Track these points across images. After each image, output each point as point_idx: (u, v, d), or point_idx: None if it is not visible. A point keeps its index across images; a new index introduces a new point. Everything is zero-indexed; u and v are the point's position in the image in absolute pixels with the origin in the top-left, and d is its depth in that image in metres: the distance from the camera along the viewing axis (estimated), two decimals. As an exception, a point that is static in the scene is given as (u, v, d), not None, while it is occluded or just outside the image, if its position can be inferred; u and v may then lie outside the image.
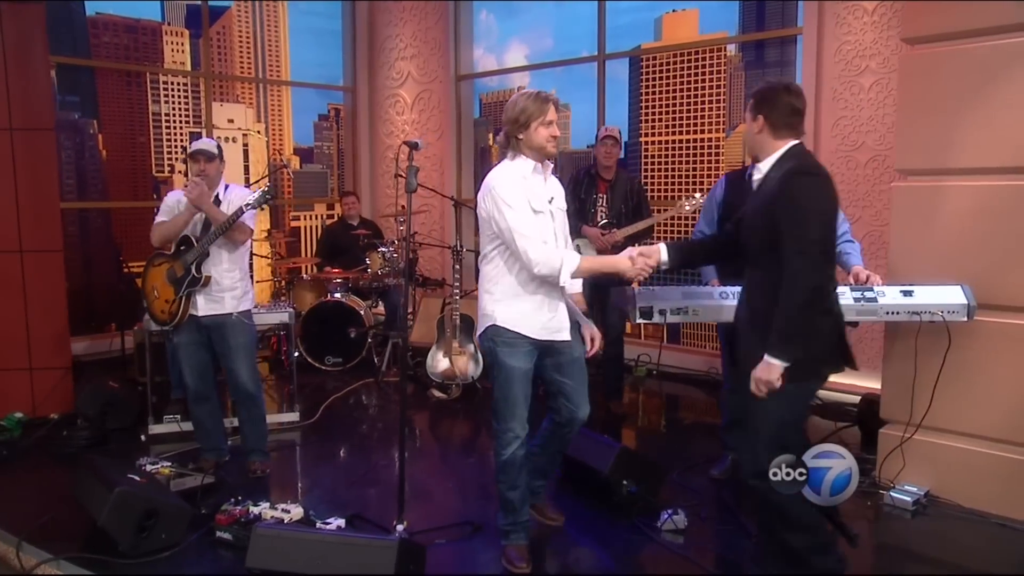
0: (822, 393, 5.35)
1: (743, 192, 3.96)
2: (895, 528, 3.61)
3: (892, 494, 3.75)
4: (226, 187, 4.15)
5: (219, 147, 4.17)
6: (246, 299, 4.18)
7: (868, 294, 3.30)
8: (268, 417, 5.00)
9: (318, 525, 3.41)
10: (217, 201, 4.05)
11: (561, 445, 3.34)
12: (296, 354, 6.37)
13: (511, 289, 2.99)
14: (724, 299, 3.26)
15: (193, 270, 3.97)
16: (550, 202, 3.00)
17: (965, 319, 3.34)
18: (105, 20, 6.81)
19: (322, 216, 8.42)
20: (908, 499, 3.69)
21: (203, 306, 4.04)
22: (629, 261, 2.88)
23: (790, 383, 2.55)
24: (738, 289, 3.28)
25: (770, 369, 2.52)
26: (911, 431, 3.76)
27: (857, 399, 4.95)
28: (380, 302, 6.84)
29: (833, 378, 5.17)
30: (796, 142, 2.64)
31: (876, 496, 3.80)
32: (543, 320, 2.99)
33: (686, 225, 6.27)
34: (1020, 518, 3.51)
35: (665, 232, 6.36)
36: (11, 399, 4.90)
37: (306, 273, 7.14)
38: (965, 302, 3.33)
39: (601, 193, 5.09)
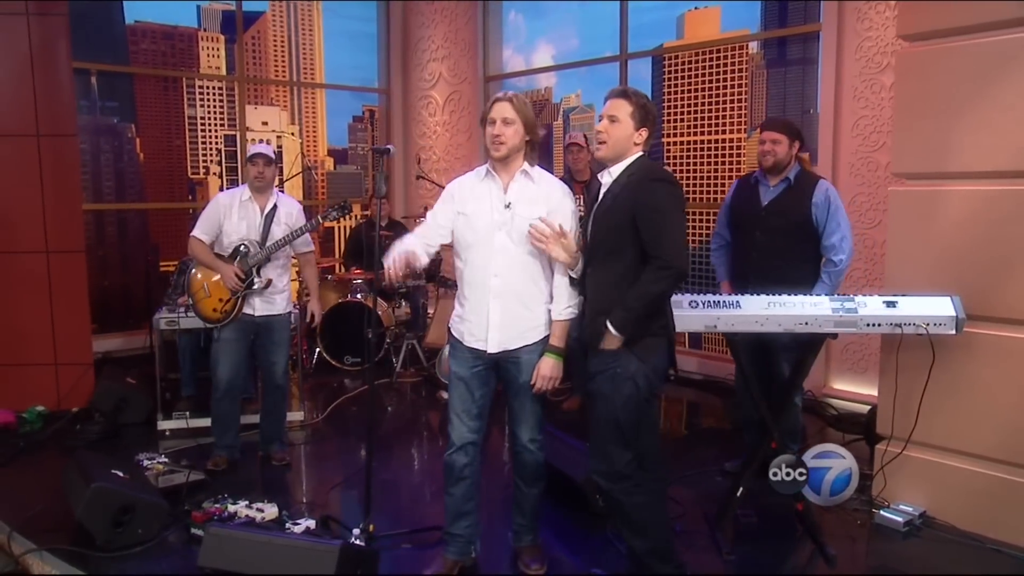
0: (836, 403, 5.22)
1: (747, 197, 3.96)
2: (882, 549, 3.44)
3: (883, 513, 3.59)
4: (277, 194, 4.37)
5: (275, 152, 4.41)
6: (289, 299, 4.45)
7: (848, 304, 3.15)
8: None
9: (287, 526, 3.49)
10: (273, 208, 4.29)
11: (521, 471, 3.11)
12: (317, 351, 6.54)
13: (458, 293, 3.06)
14: (693, 308, 3.16)
15: (255, 273, 4.20)
16: (507, 207, 2.90)
17: (953, 332, 3.17)
18: (144, 28, 7.07)
19: (356, 217, 8.55)
20: (900, 519, 3.52)
21: (260, 307, 4.27)
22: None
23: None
24: (712, 297, 3.23)
25: None
26: (897, 450, 3.62)
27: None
28: (404, 302, 6.91)
29: (848, 387, 5.17)
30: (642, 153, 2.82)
31: (868, 515, 3.65)
32: (468, 325, 2.97)
33: (701, 227, 6.16)
34: (1017, 543, 3.32)
35: (695, 236, 6.25)
36: (36, 393, 5.13)
37: (333, 273, 7.26)
38: (953, 314, 3.15)
39: (577, 195, 5.06)
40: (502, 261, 2.90)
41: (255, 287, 4.21)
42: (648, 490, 2.79)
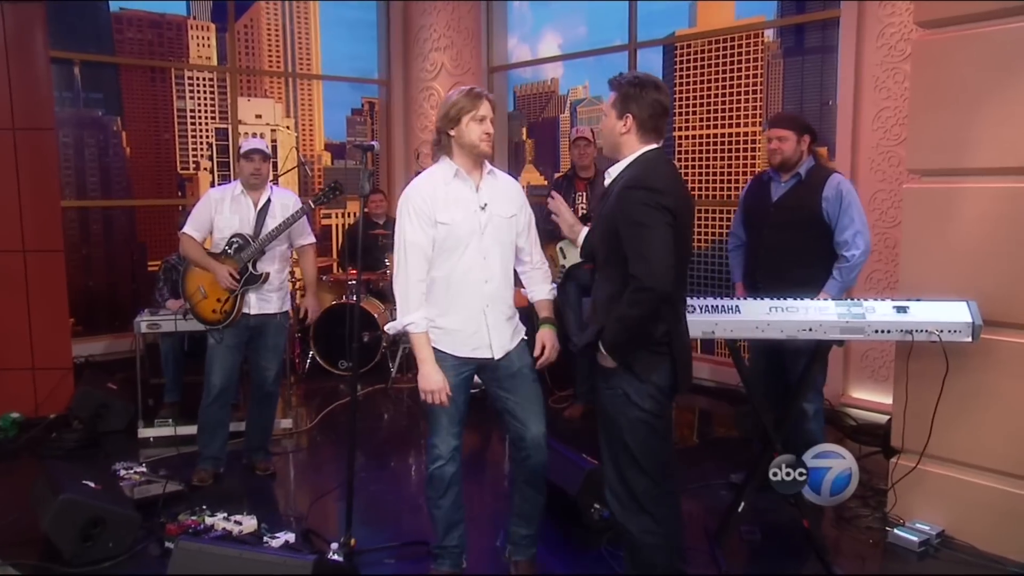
0: (855, 413, 5.17)
1: (758, 195, 4.05)
2: (895, 570, 3.41)
3: (898, 531, 3.56)
4: (272, 188, 4.41)
5: (267, 147, 4.47)
6: (288, 299, 4.47)
7: (855, 309, 3.13)
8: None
9: (265, 539, 3.50)
10: (267, 202, 4.33)
11: (529, 477, 3.12)
12: (311, 354, 6.56)
13: (434, 304, 2.98)
14: (690, 313, 3.14)
15: (251, 268, 4.23)
16: (483, 208, 2.94)
17: (969, 339, 3.13)
18: (129, 15, 7.11)
19: (354, 214, 8.58)
20: (915, 538, 3.49)
21: (255, 305, 4.30)
22: (438, 379, 2.90)
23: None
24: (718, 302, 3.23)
25: None
26: (911, 464, 3.59)
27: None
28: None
29: (868, 396, 5.12)
30: (656, 146, 2.67)
31: (882, 533, 3.62)
32: (464, 336, 2.97)
33: (715, 224, 6.14)
34: (1039, 566, 3.28)
35: (708, 235, 6.23)
36: (12, 399, 5.17)
37: (329, 274, 7.29)
38: (969, 320, 3.12)
39: (580, 191, 5.26)
40: (490, 265, 2.96)
41: (253, 284, 4.23)
42: (665, 532, 2.71)
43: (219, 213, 4.29)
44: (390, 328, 3.08)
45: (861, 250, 3.70)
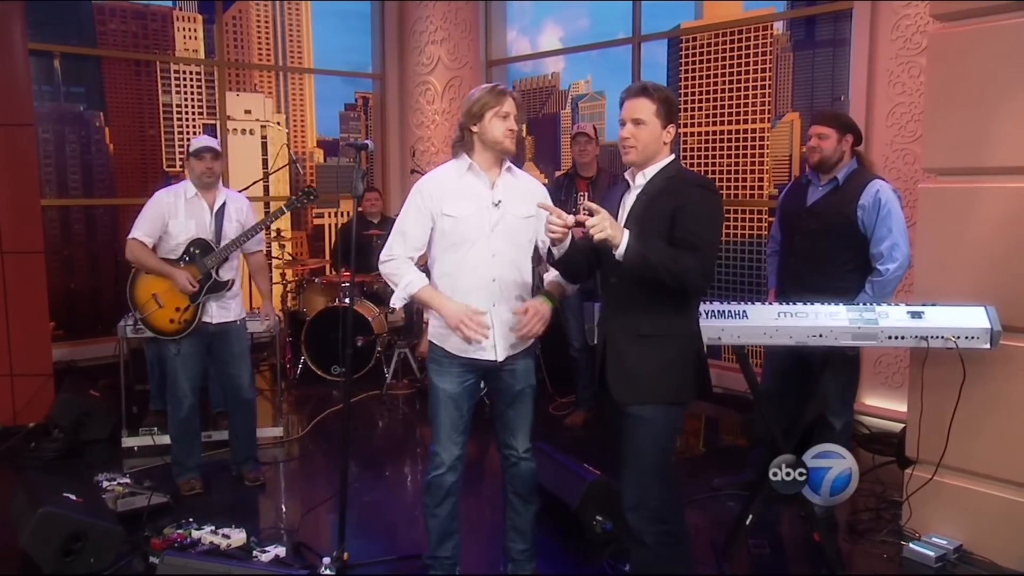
0: (869, 421, 5.17)
1: (794, 197, 4.02)
2: (910, 586, 3.42)
3: (913, 546, 3.55)
4: (223, 190, 4.39)
5: (219, 143, 4.44)
6: (242, 304, 4.46)
7: (867, 314, 3.12)
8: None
9: (254, 553, 3.50)
10: (223, 208, 4.29)
11: (519, 487, 3.17)
12: (302, 360, 6.56)
13: None
14: (698, 318, 3.14)
15: (215, 274, 4.21)
16: (496, 205, 2.97)
17: (987, 346, 3.13)
18: (112, 6, 7.12)
19: (347, 213, 8.58)
20: (931, 553, 3.48)
21: (216, 313, 4.28)
22: (458, 310, 2.91)
23: (658, 407, 2.70)
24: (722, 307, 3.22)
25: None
26: (927, 475, 3.59)
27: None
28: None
29: (882, 404, 5.11)
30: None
31: (897, 547, 3.62)
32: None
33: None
34: (1061, 581, 3.28)
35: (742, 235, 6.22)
36: (-9, 406, 5.18)
37: (321, 275, 7.28)
38: (987, 326, 3.11)
39: (582, 191, 5.24)
40: (499, 263, 2.99)
41: (218, 291, 4.23)
42: (684, 543, 2.82)
43: (174, 218, 4.19)
44: (395, 302, 3.11)
45: (898, 263, 3.58)
